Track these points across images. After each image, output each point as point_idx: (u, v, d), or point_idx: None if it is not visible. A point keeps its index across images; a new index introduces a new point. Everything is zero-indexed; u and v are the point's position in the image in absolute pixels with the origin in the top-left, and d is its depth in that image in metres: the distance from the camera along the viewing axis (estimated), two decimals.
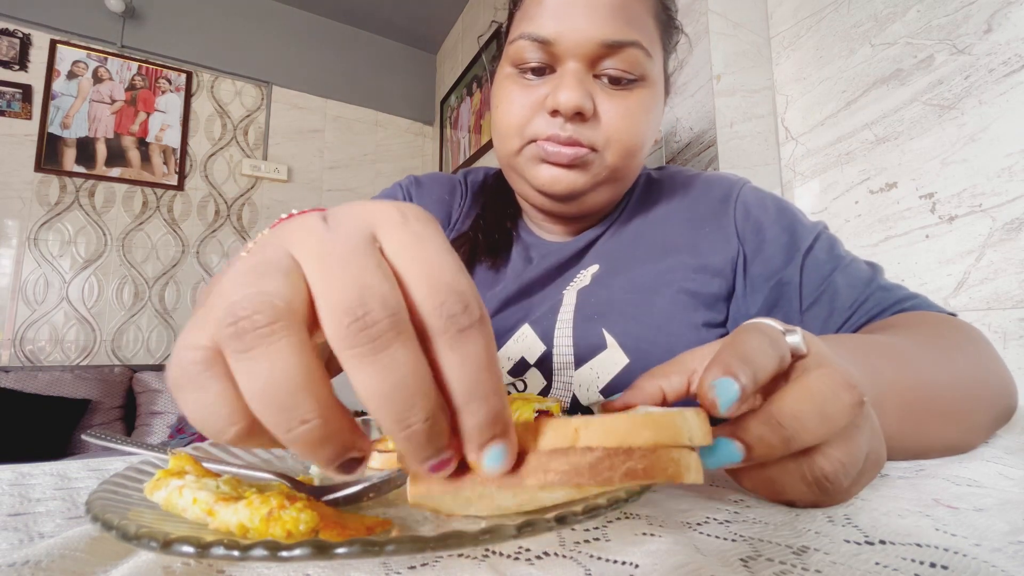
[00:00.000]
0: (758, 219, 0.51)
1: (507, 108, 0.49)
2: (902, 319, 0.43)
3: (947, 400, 0.34)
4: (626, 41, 0.45)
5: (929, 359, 0.35)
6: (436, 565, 0.18)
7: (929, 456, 0.35)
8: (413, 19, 3.09)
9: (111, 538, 0.15)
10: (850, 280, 0.46)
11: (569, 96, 0.44)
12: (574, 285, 0.52)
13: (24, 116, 2.28)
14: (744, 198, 0.53)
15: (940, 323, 0.42)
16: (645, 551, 0.19)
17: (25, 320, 2.24)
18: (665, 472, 0.17)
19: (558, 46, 0.46)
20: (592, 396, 0.46)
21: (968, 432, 0.36)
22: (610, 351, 0.46)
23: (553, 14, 0.45)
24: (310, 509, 0.16)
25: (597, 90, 0.47)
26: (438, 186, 0.63)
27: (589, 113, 0.46)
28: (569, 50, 0.45)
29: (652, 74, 0.48)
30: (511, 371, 0.49)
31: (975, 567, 0.17)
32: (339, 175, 3.03)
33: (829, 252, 0.48)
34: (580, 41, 0.45)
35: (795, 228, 0.50)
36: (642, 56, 0.46)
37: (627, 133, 0.47)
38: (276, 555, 0.12)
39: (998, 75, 0.83)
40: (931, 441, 0.34)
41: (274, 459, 0.35)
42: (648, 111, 0.49)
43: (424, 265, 0.16)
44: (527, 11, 0.48)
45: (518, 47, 0.48)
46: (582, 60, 0.46)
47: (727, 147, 1.19)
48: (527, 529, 0.14)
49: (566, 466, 0.17)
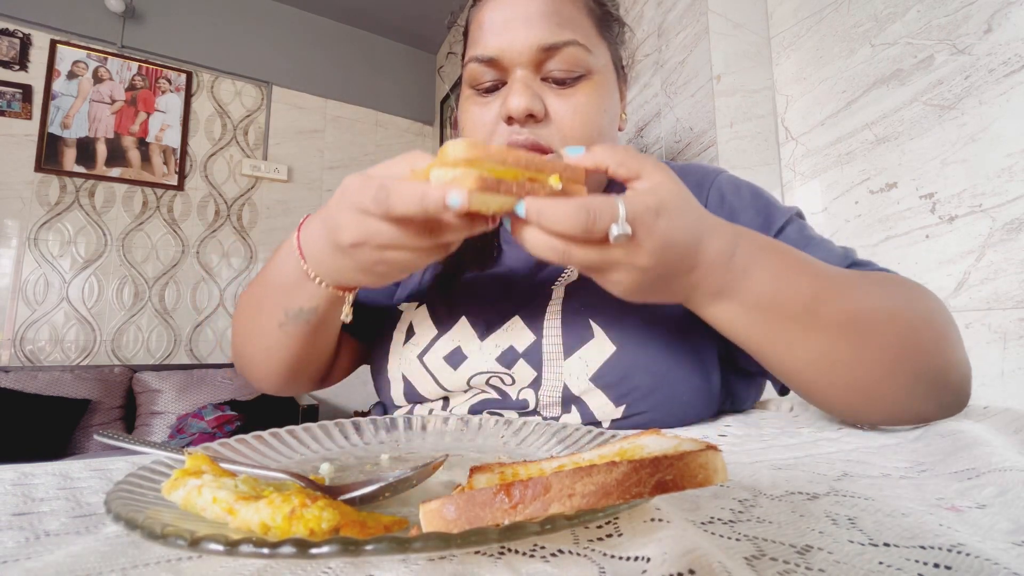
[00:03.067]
0: (732, 204, 0.54)
1: (471, 127, 0.54)
2: (865, 271, 0.45)
3: (828, 302, 0.37)
4: (561, 42, 0.49)
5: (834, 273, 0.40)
6: (453, 560, 0.18)
7: (794, 367, 0.39)
8: (413, 19, 3.09)
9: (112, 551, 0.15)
10: (824, 256, 0.47)
11: (518, 101, 0.48)
12: (562, 280, 0.54)
13: (24, 116, 2.28)
14: (719, 185, 0.56)
15: (891, 277, 0.43)
16: (656, 547, 0.19)
17: (25, 320, 2.24)
18: (695, 480, 0.17)
19: (503, 60, 0.50)
20: (582, 385, 0.47)
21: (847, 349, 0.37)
22: (597, 340, 0.48)
23: (494, 33, 0.50)
24: (332, 508, 0.17)
25: (547, 92, 0.50)
26: None
27: (540, 114, 0.49)
28: (513, 60, 0.50)
29: (596, 67, 0.52)
30: (500, 359, 0.50)
31: (978, 566, 0.17)
32: (339, 175, 3.03)
33: (800, 232, 0.50)
34: (521, 50, 0.49)
35: (769, 211, 0.52)
36: (581, 52, 0.50)
37: (580, 128, 0.50)
38: (306, 552, 0.13)
39: (998, 75, 0.84)
40: (794, 341, 0.38)
41: (283, 458, 0.35)
42: (598, 102, 0.52)
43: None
44: (473, 36, 0.54)
45: (470, 70, 0.53)
46: (527, 67, 0.50)
47: (727, 147, 1.20)
48: (548, 527, 0.15)
49: (592, 487, 0.16)
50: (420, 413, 0.52)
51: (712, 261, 0.36)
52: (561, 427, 0.38)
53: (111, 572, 0.18)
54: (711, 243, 0.36)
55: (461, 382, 0.51)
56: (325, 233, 0.39)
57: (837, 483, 0.28)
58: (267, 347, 0.51)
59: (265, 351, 0.51)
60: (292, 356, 0.51)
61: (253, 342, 0.52)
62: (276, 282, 0.47)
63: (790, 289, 0.37)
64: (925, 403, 0.39)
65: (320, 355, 0.55)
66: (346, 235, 0.36)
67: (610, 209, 0.31)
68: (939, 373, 0.39)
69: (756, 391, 0.58)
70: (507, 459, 0.33)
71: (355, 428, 0.41)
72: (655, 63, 1.44)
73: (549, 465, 0.23)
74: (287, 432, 0.37)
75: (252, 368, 0.55)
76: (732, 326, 0.39)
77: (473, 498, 0.17)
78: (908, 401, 0.39)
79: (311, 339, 0.50)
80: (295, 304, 0.46)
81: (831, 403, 0.41)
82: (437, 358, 0.52)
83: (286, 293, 0.46)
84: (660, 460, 0.17)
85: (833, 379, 0.39)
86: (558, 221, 0.31)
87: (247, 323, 0.52)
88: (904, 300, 0.40)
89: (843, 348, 0.37)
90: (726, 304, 0.38)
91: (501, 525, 0.16)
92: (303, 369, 0.54)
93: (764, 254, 0.38)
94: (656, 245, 0.33)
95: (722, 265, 0.36)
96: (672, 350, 0.48)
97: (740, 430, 0.46)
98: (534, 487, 0.17)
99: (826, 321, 0.37)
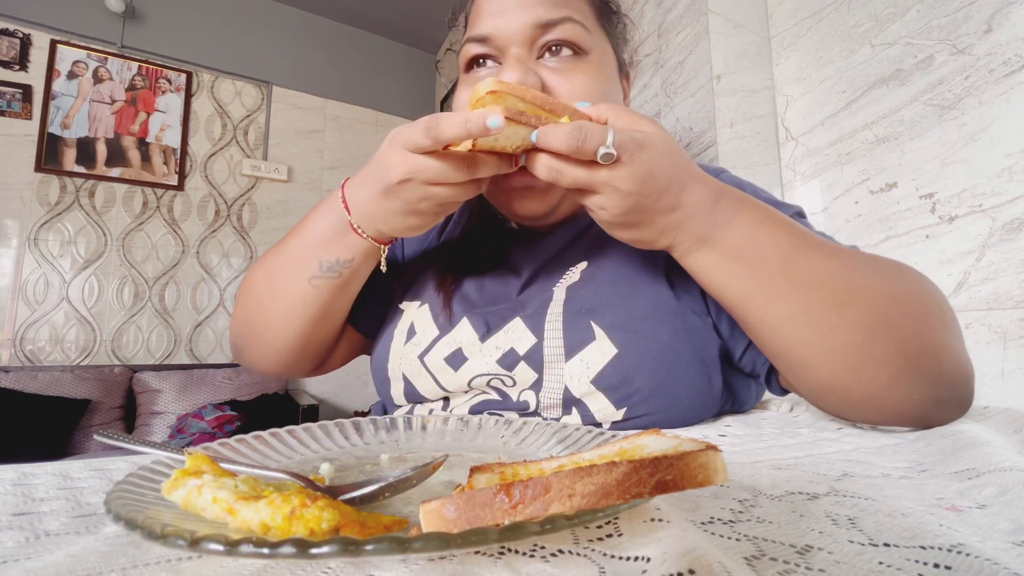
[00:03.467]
0: None
1: (462, 107, 0.52)
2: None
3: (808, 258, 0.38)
4: (557, 18, 0.49)
5: (815, 236, 0.41)
6: (453, 560, 0.18)
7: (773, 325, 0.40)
8: (413, 19, 3.10)
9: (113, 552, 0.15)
10: None
11: (510, 75, 0.47)
12: (564, 282, 0.53)
13: (24, 116, 2.28)
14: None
15: (887, 259, 0.43)
16: (656, 547, 0.19)
17: (25, 320, 2.24)
18: (695, 480, 0.17)
19: (498, 38, 0.50)
20: (583, 388, 0.47)
21: (826, 308, 0.37)
22: (599, 342, 0.47)
23: (489, 14, 0.51)
24: (332, 508, 0.17)
25: (543, 70, 0.50)
26: None
27: (536, 88, 0.49)
28: (509, 39, 0.50)
29: (595, 49, 0.52)
30: (500, 361, 0.50)
31: (978, 566, 0.17)
32: (339, 175, 3.03)
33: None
34: (516, 28, 0.50)
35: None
36: (579, 29, 0.50)
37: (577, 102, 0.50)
38: (306, 552, 0.13)
39: (998, 75, 0.84)
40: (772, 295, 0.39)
41: (283, 458, 0.35)
42: (596, 79, 0.51)
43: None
44: (471, 23, 0.54)
45: (465, 51, 0.54)
46: (522, 45, 0.50)
47: (727, 147, 1.20)
48: (548, 527, 0.15)
49: (592, 487, 0.16)
50: (420, 413, 0.52)
51: (695, 204, 0.38)
52: (561, 427, 0.38)
53: (111, 572, 0.18)
54: (694, 188, 0.38)
55: (462, 383, 0.51)
56: (372, 179, 0.44)
57: (837, 483, 0.28)
58: (289, 306, 0.52)
59: (286, 311, 0.53)
60: (313, 316, 0.52)
61: (271, 307, 0.53)
62: (312, 237, 0.50)
63: (769, 240, 0.39)
64: (916, 388, 0.37)
65: (332, 324, 0.56)
66: (396, 172, 0.41)
67: (600, 133, 0.35)
68: (928, 353, 0.37)
69: (757, 392, 0.58)
70: (507, 459, 0.33)
71: (355, 428, 0.41)
72: (655, 63, 1.44)
73: (549, 465, 0.23)
74: (287, 432, 0.37)
75: (261, 340, 0.55)
76: (711, 276, 0.41)
77: (473, 498, 0.17)
78: (896, 381, 0.37)
79: (336, 296, 0.52)
80: (331, 256, 0.49)
81: (813, 371, 0.40)
82: (438, 359, 0.52)
83: (324, 246, 0.49)
84: (660, 460, 0.17)
85: (812, 338, 0.38)
86: (556, 140, 0.35)
87: (263, 289, 0.54)
88: (895, 273, 0.40)
89: (822, 306, 0.38)
90: (707, 251, 0.40)
91: (501, 525, 0.16)
92: (313, 338, 0.55)
93: (747, 207, 0.40)
94: (637, 172, 0.36)
95: (705, 210, 0.39)
96: (674, 352, 0.47)
97: (740, 430, 0.46)
98: (534, 487, 0.17)
99: (805, 276, 0.38)
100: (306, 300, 0.52)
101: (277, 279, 0.53)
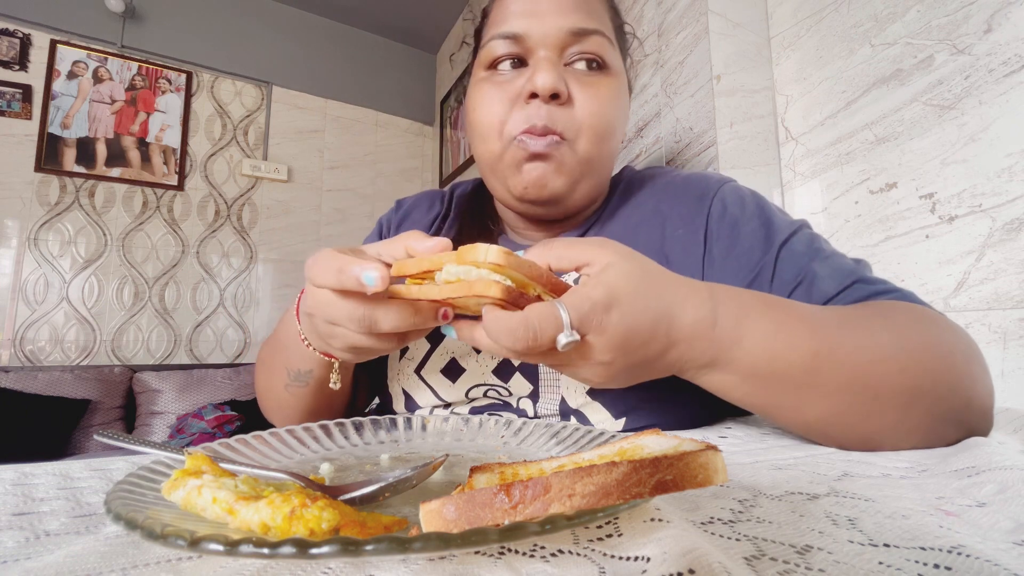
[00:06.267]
0: (734, 215, 0.52)
1: (486, 107, 0.52)
2: (871, 304, 0.42)
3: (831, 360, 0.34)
4: (591, 29, 0.49)
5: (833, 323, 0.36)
6: (453, 560, 0.18)
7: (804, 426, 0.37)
8: (413, 19, 3.09)
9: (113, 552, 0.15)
10: (831, 271, 0.45)
11: (545, 78, 0.47)
12: None
13: (24, 116, 2.28)
14: (723, 195, 0.54)
15: (903, 309, 0.40)
16: (656, 547, 0.19)
17: (25, 320, 2.24)
18: (695, 480, 0.17)
19: (529, 39, 0.49)
20: (580, 399, 0.47)
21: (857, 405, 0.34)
22: None
23: (521, 13, 0.50)
24: (332, 508, 0.17)
25: (569, 77, 0.50)
26: (416, 209, 0.67)
27: (564, 95, 0.49)
28: (540, 41, 0.49)
29: (616, 65, 0.52)
30: (496, 372, 0.50)
31: (978, 567, 0.17)
32: (339, 175, 3.03)
33: (808, 245, 0.48)
34: (549, 31, 0.49)
35: (772, 222, 0.50)
36: (607, 44, 0.50)
37: (599, 117, 0.50)
38: (305, 552, 0.13)
39: (998, 75, 0.83)
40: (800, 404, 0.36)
41: (283, 458, 0.35)
42: (616, 99, 0.52)
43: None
44: (495, 19, 0.53)
45: (490, 47, 0.52)
46: (552, 49, 0.49)
47: (727, 147, 1.20)
48: (548, 527, 0.15)
49: (592, 487, 0.16)
50: (420, 413, 0.52)
51: (691, 334, 0.33)
52: (561, 427, 0.38)
53: (111, 572, 0.18)
54: (684, 315, 0.33)
55: (460, 395, 0.51)
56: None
57: (837, 483, 0.28)
58: (279, 404, 0.53)
59: (278, 407, 0.53)
60: (303, 413, 0.52)
61: (269, 397, 0.54)
62: (282, 343, 0.49)
63: (787, 352, 0.34)
64: (943, 436, 0.37)
65: (333, 405, 0.55)
66: (306, 302, 0.37)
67: (552, 319, 0.29)
68: (959, 412, 0.37)
69: None
70: (507, 459, 0.33)
71: (355, 428, 0.41)
72: (655, 63, 1.44)
73: (549, 465, 0.23)
74: (287, 432, 0.37)
75: (278, 415, 0.56)
76: (732, 394, 0.37)
77: (473, 498, 0.17)
78: (926, 437, 0.36)
79: (316, 397, 0.50)
80: (295, 366, 0.47)
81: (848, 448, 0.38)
82: (435, 371, 0.52)
83: (289, 354, 0.47)
84: (660, 460, 0.17)
85: (846, 432, 0.36)
86: (507, 341, 0.29)
87: (263, 379, 0.55)
88: (918, 339, 0.37)
89: (852, 405, 0.35)
90: (720, 374, 0.35)
91: (501, 525, 0.16)
92: (322, 413, 0.55)
93: (752, 317, 0.35)
94: (613, 341, 0.31)
95: (704, 335, 0.34)
96: None
97: (740, 431, 0.46)
98: (534, 487, 0.17)
99: (831, 381, 0.35)
100: (288, 404, 0.52)
101: (267, 376, 0.53)
